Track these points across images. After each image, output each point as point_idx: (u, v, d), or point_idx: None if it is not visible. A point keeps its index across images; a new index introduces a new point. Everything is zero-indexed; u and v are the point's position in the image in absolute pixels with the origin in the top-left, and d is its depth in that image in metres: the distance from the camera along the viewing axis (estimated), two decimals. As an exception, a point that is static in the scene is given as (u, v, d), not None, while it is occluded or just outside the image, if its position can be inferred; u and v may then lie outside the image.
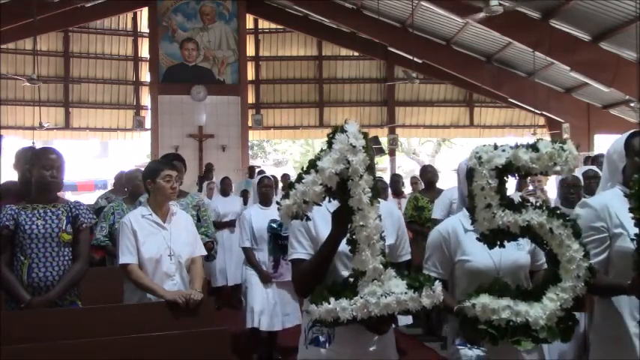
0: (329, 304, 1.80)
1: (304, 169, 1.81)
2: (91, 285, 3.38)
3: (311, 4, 13.27)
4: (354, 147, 1.78)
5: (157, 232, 3.28)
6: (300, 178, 1.80)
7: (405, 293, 1.79)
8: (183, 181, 3.97)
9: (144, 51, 14.29)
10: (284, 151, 27.43)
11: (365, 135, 1.83)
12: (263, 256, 4.81)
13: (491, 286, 2.02)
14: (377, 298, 1.78)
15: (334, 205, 1.91)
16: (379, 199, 1.88)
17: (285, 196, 1.80)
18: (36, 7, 10.54)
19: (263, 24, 14.91)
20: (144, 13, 14.00)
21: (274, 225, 4.70)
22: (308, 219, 1.85)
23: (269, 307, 4.75)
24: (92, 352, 2.67)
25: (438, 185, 6.16)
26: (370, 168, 1.81)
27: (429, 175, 6.16)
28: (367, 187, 1.79)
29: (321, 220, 2.01)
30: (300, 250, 2.04)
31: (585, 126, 13.29)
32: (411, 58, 11.70)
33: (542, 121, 14.60)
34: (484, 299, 1.95)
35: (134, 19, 14.45)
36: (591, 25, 9.96)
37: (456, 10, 10.73)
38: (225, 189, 7.47)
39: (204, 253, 3.60)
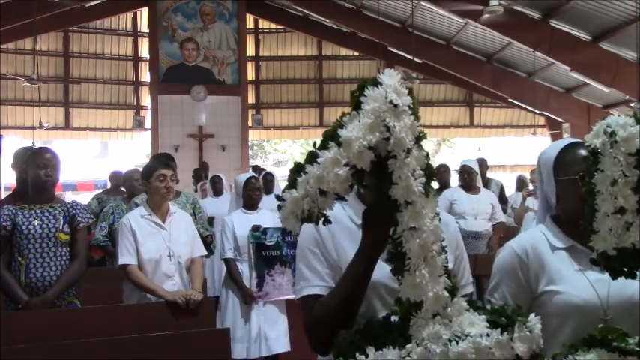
0: (366, 357, 1.13)
1: (317, 144, 1.17)
2: (90, 285, 3.39)
3: (311, 4, 13.25)
4: (396, 106, 1.13)
5: (157, 233, 3.28)
6: (312, 158, 1.14)
7: (487, 335, 1.13)
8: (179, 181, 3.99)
9: (144, 51, 14.27)
10: (284, 151, 27.42)
11: (410, 90, 1.19)
12: (245, 268, 4.13)
13: (602, 333, 1.30)
14: (443, 344, 1.12)
15: (360, 209, 1.29)
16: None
17: (290, 185, 1.14)
18: (36, 7, 10.54)
19: (263, 24, 14.90)
20: (144, 13, 13.98)
21: (257, 233, 3.95)
22: (327, 221, 1.16)
23: (252, 332, 4.03)
24: (92, 352, 2.66)
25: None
26: (420, 139, 1.18)
27: (443, 175, 6.16)
28: (419, 168, 1.15)
29: (344, 236, 1.37)
30: (315, 281, 1.36)
31: (585, 126, 13.26)
32: (411, 58, 11.70)
33: (542, 121, 14.60)
34: (598, 356, 1.28)
35: (134, 19, 14.45)
36: (591, 25, 9.95)
37: (456, 10, 10.72)
38: (215, 188, 6.93)
39: (204, 252, 3.61)
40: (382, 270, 1.26)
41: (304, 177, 1.13)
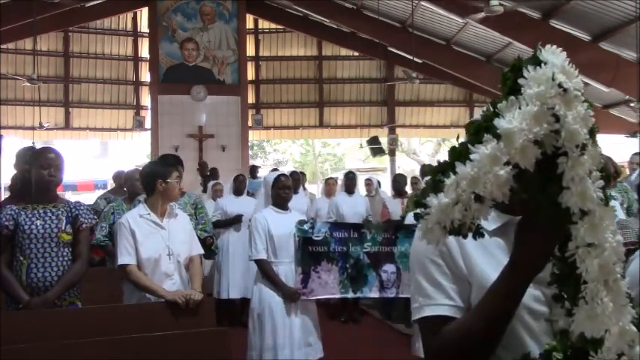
0: None
1: (462, 137, 0.96)
2: (90, 285, 3.39)
3: (311, 4, 13.26)
4: (566, 91, 0.91)
5: (156, 232, 3.28)
6: (462, 153, 0.92)
7: None
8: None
9: (144, 51, 14.28)
10: (284, 151, 27.43)
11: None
12: (284, 270, 3.79)
13: None
14: None
15: (495, 217, 1.06)
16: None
17: (433, 188, 0.93)
18: (36, 7, 10.54)
19: (263, 24, 14.91)
20: (144, 13, 13.98)
21: (304, 227, 3.78)
22: (480, 234, 0.94)
23: (292, 337, 3.73)
24: (92, 352, 2.66)
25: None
26: (593, 132, 0.94)
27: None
28: (595, 168, 0.93)
29: (473, 244, 1.09)
30: (441, 299, 1.12)
31: (585, 126, 13.28)
32: (411, 58, 11.70)
33: (542, 121, 14.60)
34: None
35: (134, 19, 14.45)
36: (591, 25, 9.95)
37: (456, 10, 10.72)
38: (239, 187, 6.80)
39: (202, 251, 3.61)
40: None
41: (454, 178, 0.90)
